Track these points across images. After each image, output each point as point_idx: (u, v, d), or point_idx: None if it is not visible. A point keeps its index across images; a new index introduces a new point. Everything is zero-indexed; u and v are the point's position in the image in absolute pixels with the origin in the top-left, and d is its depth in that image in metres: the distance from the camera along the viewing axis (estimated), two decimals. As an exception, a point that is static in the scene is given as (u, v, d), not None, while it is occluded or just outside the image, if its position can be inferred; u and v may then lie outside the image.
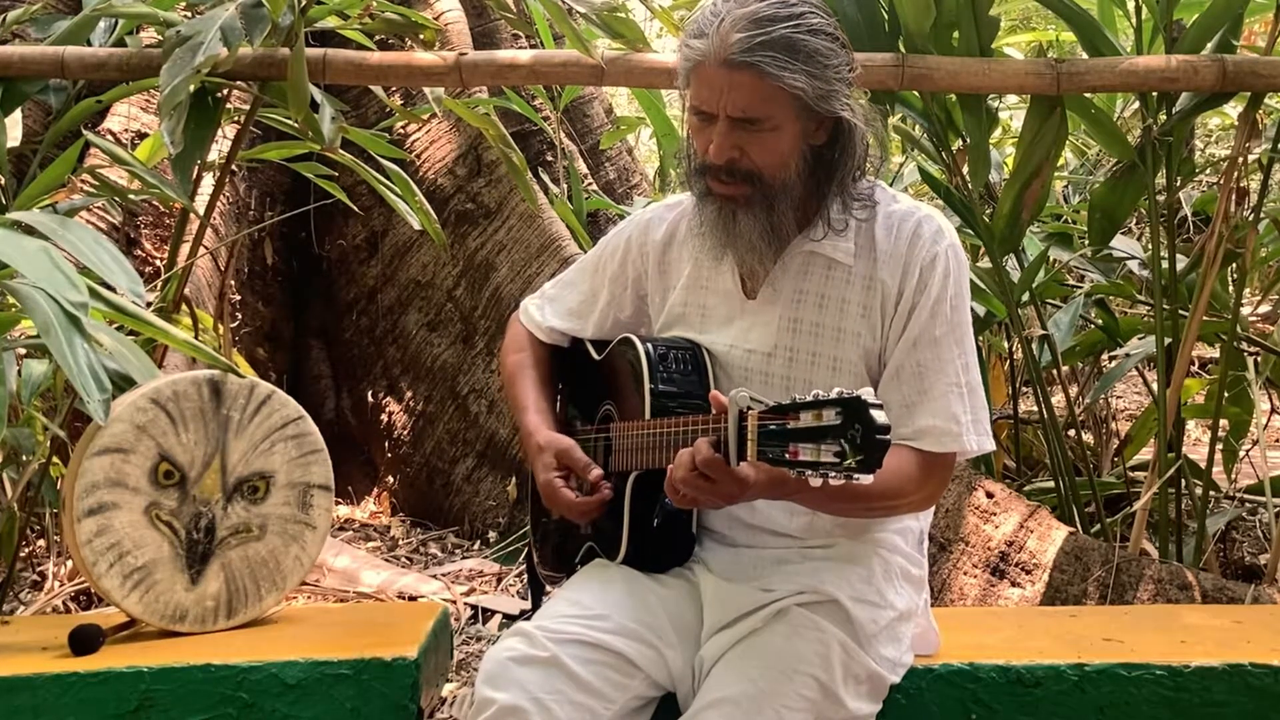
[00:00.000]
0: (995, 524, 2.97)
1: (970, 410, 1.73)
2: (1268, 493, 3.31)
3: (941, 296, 1.73)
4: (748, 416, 1.44)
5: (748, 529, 1.80)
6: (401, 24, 2.90)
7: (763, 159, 1.69)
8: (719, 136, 1.68)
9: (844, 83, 1.70)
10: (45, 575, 2.94)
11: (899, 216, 1.77)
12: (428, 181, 4.01)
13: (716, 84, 1.66)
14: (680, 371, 1.79)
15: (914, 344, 1.73)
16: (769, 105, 1.65)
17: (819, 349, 1.76)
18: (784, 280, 1.79)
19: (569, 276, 2.08)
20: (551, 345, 2.07)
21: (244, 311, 3.95)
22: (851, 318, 1.76)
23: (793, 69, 1.63)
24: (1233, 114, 4.19)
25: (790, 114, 1.67)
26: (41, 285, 1.76)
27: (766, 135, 1.67)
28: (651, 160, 7.03)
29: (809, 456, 1.37)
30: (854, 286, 1.76)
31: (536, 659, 1.62)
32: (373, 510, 4.10)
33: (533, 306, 2.09)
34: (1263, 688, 1.91)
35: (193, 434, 2.06)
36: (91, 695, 1.85)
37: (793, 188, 1.72)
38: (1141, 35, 2.96)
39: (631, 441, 1.76)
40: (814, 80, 1.65)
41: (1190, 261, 3.07)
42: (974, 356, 1.77)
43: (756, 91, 1.64)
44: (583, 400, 2.01)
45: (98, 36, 2.87)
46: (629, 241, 1.97)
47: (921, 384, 1.72)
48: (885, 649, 1.75)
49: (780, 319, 1.78)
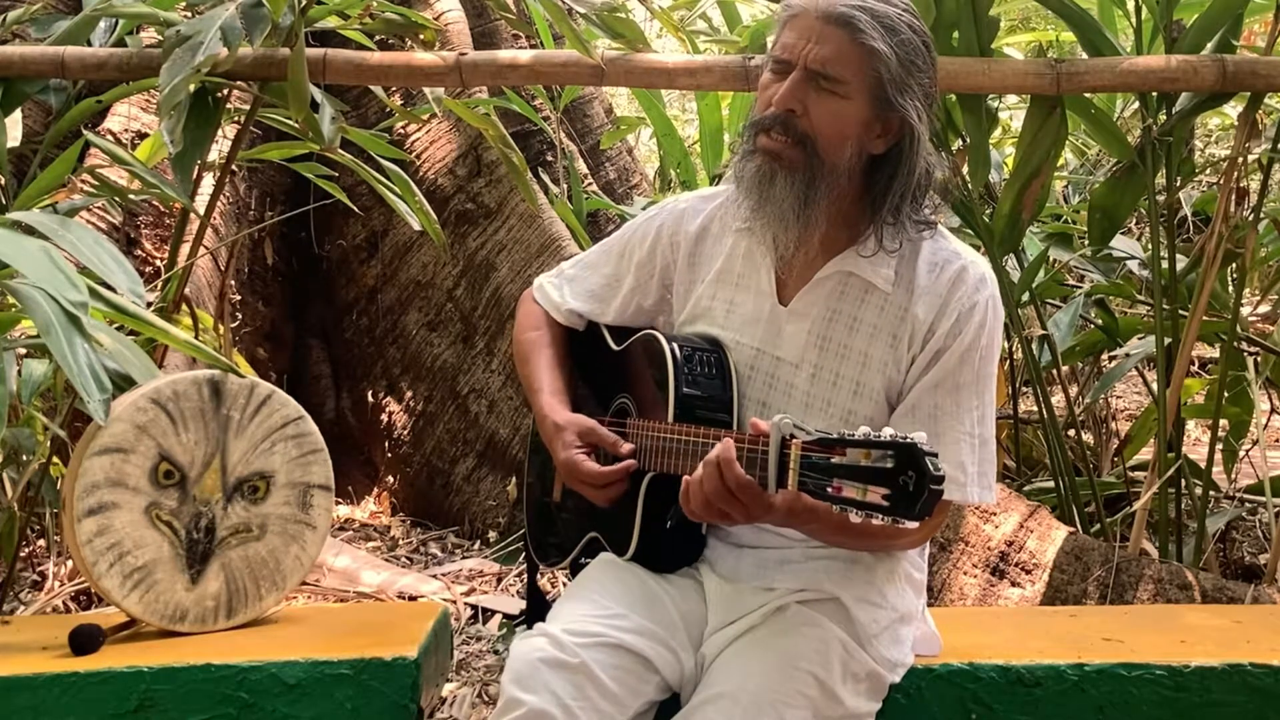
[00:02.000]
0: (995, 524, 2.97)
1: (978, 463, 1.72)
2: (1268, 493, 3.31)
3: (974, 346, 1.71)
4: (790, 445, 1.42)
5: (754, 529, 1.78)
6: (401, 24, 2.90)
7: (821, 123, 1.67)
8: (789, 85, 1.66)
9: (923, 90, 1.69)
10: (45, 575, 2.94)
11: (945, 256, 1.75)
12: (428, 181, 4.01)
13: (808, 32, 1.66)
14: (705, 375, 1.76)
15: (936, 386, 1.71)
16: (849, 67, 1.65)
17: (843, 370, 1.75)
18: (819, 295, 1.77)
19: (590, 258, 2.04)
20: (566, 327, 2.04)
21: (244, 311, 3.95)
22: (880, 345, 1.74)
23: (884, 41, 1.64)
24: (1233, 114, 4.20)
25: (864, 89, 1.66)
26: (41, 285, 1.76)
27: (834, 101, 1.66)
28: (651, 160, 7.03)
29: (854, 495, 1.34)
30: (887, 315, 1.74)
31: (566, 664, 1.61)
32: (373, 510, 4.10)
33: (550, 286, 2.05)
34: (1263, 688, 1.91)
35: (193, 434, 2.06)
36: (91, 695, 1.85)
37: (839, 175, 1.69)
38: (1141, 35, 2.96)
39: (651, 442, 1.74)
40: (899, 65, 1.65)
41: (1190, 261, 3.07)
42: (992, 411, 1.75)
43: (843, 48, 1.64)
44: (596, 388, 1.98)
45: (98, 36, 2.87)
46: (660, 229, 1.93)
47: (936, 426, 1.70)
48: (885, 649, 1.75)
49: (810, 333, 1.77)
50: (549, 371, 1.96)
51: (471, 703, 2.62)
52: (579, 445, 1.80)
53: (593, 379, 2.00)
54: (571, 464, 1.79)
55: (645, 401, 1.83)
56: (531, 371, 1.97)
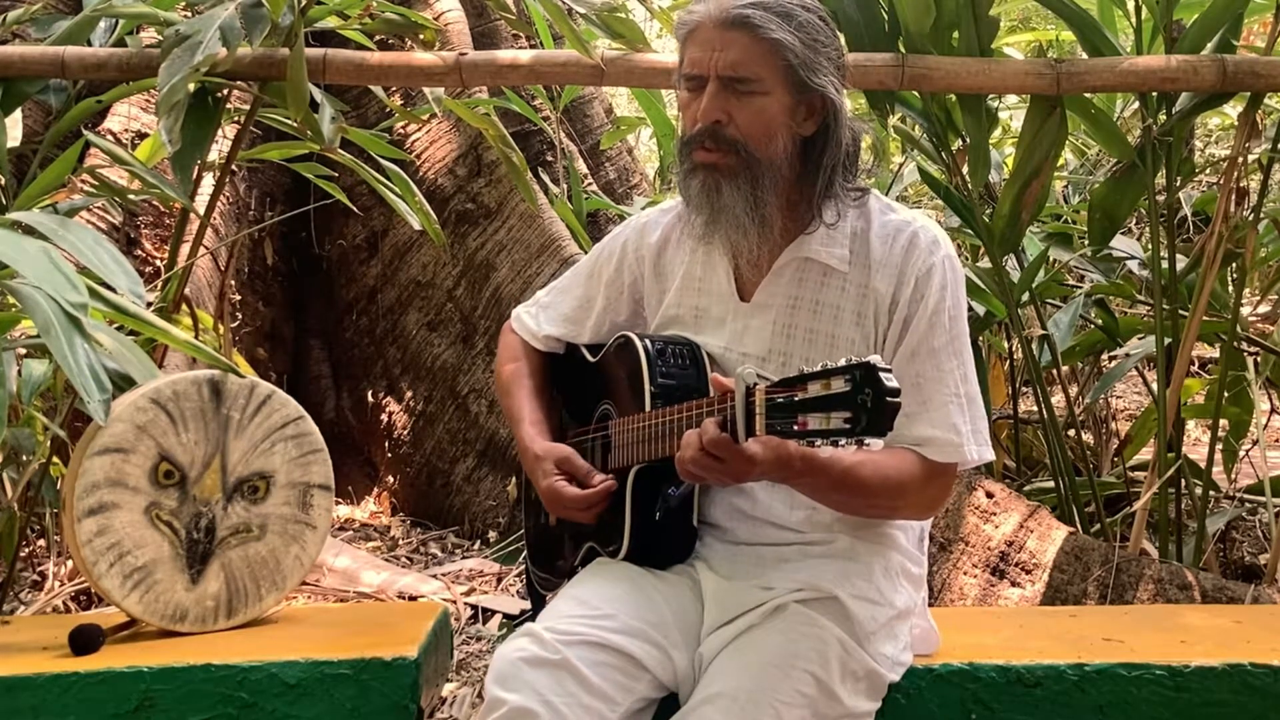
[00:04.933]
0: (995, 524, 2.97)
1: (970, 420, 1.74)
2: (1268, 493, 3.31)
3: (939, 308, 1.74)
4: (754, 392, 1.45)
5: (749, 521, 1.80)
6: (401, 24, 2.90)
7: (749, 127, 1.70)
8: (707, 98, 1.70)
9: (833, 64, 1.73)
10: (45, 575, 2.94)
11: (895, 226, 1.78)
12: (428, 181, 4.01)
13: (710, 43, 1.69)
14: (679, 366, 1.79)
15: (912, 355, 1.73)
16: (759, 65, 1.69)
17: (812, 355, 1.77)
18: (778, 285, 1.80)
19: (563, 283, 2.09)
20: (546, 352, 2.07)
21: (244, 311, 3.95)
22: (845, 325, 1.76)
23: (785, 30, 1.68)
24: (1233, 114, 4.19)
25: (779, 80, 1.70)
26: (41, 285, 1.76)
27: (755, 100, 1.70)
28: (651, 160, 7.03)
29: (818, 425, 1.37)
30: (848, 294, 1.77)
31: (547, 661, 1.62)
32: (373, 510, 4.10)
33: (527, 315, 2.10)
34: (1263, 688, 1.90)
35: (193, 434, 2.06)
36: (91, 695, 1.85)
37: (778, 168, 1.73)
38: (1141, 35, 2.96)
39: (631, 435, 1.77)
40: (804, 47, 1.69)
41: (1190, 261, 3.07)
42: (972, 367, 1.78)
43: (748, 49, 1.68)
44: (579, 402, 2.01)
45: (98, 36, 2.87)
46: (625, 246, 1.98)
47: (921, 395, 1.72)
48: (884, 646, 1.75)
49: (775, 324, 1.79)
50: (528, 401, 2.00)
51: (471, 703, 2.62)
52: (558, 473, 1.84)
53: (575, 394, 2.04)
54: (553, 491, 1.83)
55: (625, 401, 1.85)
56: (512, 404, 2.02)
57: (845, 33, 2.80)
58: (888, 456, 1.68)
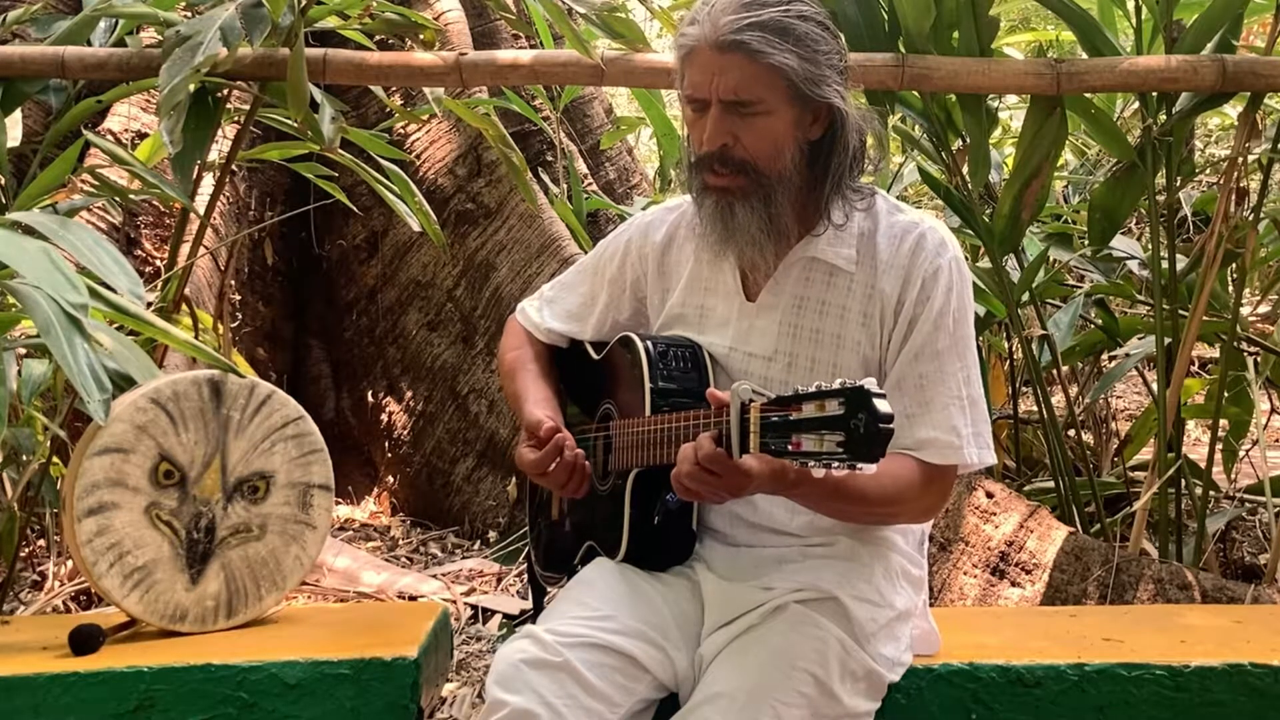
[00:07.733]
0: (995, 524, 2.97)
1: (971, 423, 1.73)
2: (1268, 493, 3.31)
3: (945, 309, 1.73)
4: (750, 409, 1.45)
5: (749, 527, 1.80)
6: (401, 24, 2.90)
7: (756, 147, 1.69)
8: (711, 123, 1.69)
9: (835, 70, 1.70)
10: (45, 575, 2.94)
11: (902, 227, 1.77)
12: (428, 181, 4.01)
13: (708, 67, 1.67)
14: (680, 369, 1.79)
15: (916, 356, 1.73)
16: (759, 87, 1.66)
17: (818, 355, 1.77)
18: (785, 285, 1.79)
19: (567, 279, 2.08)
20: (550, 345, 2.07)
21: (244, 311, 3.95)
22: (851, 325, 1.76)
23: (782, 49, 1.64)
24: (1233, 114, 4.19)
25: (782, 98, 1.67)
26: (41, 285, 1.76)
27: (759, 120, 1.68)
28: (651, 160, 7.03)
29: (811, 446, 1.37)
30: (855, 294, 1.76)
31: (548, 663, 1.62)
32: (373, 510, 4.10)
33: (531, 308, 2.10)
34: (1263, 688, 1.91)
35: (193, 434, 2.06)
36: (91, 695, 1.85)
37: (789, 180, 1.72)
38: (1141, 35, 2.96)
39: (631, 439, 1.76)
40: (804, 62, 1.66)
41: (1190, 261, 3.07)
42: (976, 370, 1.77)
43: (747, 72, 1.65)
44: (581, 399, 2.01)
45: (98, 36, 2.87)
46: (628, 244, 1.97)
47: (923, 396, 1.72)
48: (884, 647, 1.75)
49: (780, 324, 1.79)
50: (533, 383, 1.99)
51: (472, 703, 2.62)
52: (528, 441, 1.84)
53: (579, 391, 2.04)
54: (519, 459, 1.83)
55: (626, 402, 1.85)
56: (516, 386, 2.01)
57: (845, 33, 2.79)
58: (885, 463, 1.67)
